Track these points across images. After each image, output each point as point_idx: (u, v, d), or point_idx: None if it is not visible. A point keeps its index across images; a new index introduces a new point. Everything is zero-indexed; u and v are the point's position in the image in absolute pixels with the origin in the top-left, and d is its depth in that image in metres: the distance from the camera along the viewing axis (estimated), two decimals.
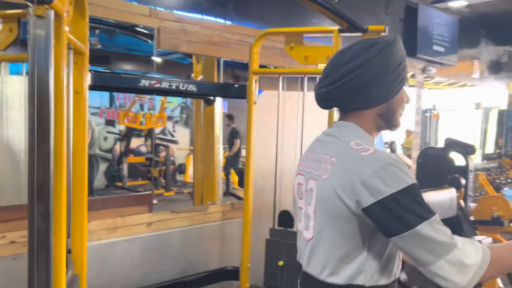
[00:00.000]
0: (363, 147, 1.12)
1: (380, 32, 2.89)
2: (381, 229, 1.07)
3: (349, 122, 1.23)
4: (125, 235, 3.16)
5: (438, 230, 1.04)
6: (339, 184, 1.10)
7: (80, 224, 2.22)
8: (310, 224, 1.20)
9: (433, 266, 1.03)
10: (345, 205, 1.09)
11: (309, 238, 1.21)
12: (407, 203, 1.03)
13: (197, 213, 3.59)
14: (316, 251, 1.18)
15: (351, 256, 1.11)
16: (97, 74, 2.58)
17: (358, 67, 1.15)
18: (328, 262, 1.14)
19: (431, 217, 1.03)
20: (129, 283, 3.15)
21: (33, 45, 1.61)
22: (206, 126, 4.01)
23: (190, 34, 3.39)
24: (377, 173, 1.05)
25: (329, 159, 1.17)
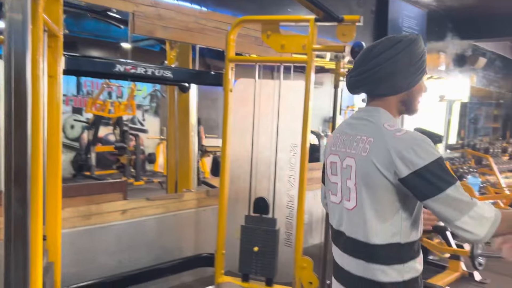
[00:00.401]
0: (396, 128, 1.35)
1: (355, 22, 2.93)
2: (416, 194, 1.29)
3: (377, 107, 1.44)
4: (100, 223, 3.13)
5: (461, 193, 1.27)
6: (378, 160, 1.31)
7: (54, 210, 2.19)
8: (351, 195, 1.40)
9: (458, 221, 1.25)
10: (385, 177, 1.31)
11: (352, 207, 1.40)
12: (437, 172, 1.26)
13: (172, 201, 3.58)
14: (359, 218, 1.38)
15: (389, 219, 1.34)
16: (72, 58, 2.52)
17: (385, 60, 1.38)
18: (371, 226, 1.35)
19: (455, 182, 1.27)
20: (104, 271, 3.12)
21: (9, 27, 1.56)
22: (181, 114, 3.97)
23: (165, 19, 3.35)
24: (412, 149, 1.27)
25: (366, 139, 1.38)
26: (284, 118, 3.24)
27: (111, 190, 3.22)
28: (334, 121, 3.09)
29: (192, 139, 3.97)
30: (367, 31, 5.61)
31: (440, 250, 4.03)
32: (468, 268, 3.97)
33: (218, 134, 6.82)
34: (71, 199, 2.94)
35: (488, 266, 4.06)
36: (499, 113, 10.91)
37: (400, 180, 1.29)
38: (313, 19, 2.99)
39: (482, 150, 7.67)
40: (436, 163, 1.26)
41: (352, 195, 1.39)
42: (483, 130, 10.38)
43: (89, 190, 3.13)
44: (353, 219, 1.40)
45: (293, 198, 3.28)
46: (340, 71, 3.00)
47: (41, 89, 1.78)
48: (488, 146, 7.82)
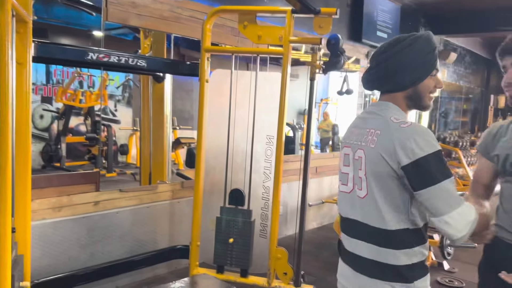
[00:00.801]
0: (402, 121, 1.40)
1: (332, 14, 2.94)
2: (412, 183, 1.34)
3: (387, 101, 1.50)
4: (71, 214, 3.05)
5: (454, 188, 1.33)
6: (384, 151, 1.38)
7: (23, 202, 2.14)
8: (363, 185, 1.46)
9: (446, 216, 1.31)
10: (390, 167, 1.36)
11: (363, 196, 1.46)
12: (435, 163, 1.31)
13: (146, 192, 3.53)
14: (370, 205, 1.44)
15: (398, 206, 1.39)
16: (42, 45, 2.44)
17: (388, 58, 1.45)
18: (381, 213, 1.41)
19: (451, 177, 1.33)
20: (76, 264, 3.06)
21: None
22: (155, 104, 3.91)
23: (140, 7, 3.27)
24: (413, 139, 1.33)
25: (374, 132, 1.44)
26: (260, 109, 3.23)
27: (83, 181, 3.14)
28: (310, 114, 3.09)
29: (166, 130, 3.92)
30: (342, 24, 5.65)
31: None
32: (437, 257, 4.08)
33: (193, 125, 6.76)
34: (41, 190, 2.86)
35: (456, 256, 4.19)
36: (468, 108, 11.21)
37: (402, 169, 1.34)
38: (290, 11, 2.99)
39: (452, 144, 7.88)
40: (435, 155, 1.31)
41: (363, 185, 1.45)
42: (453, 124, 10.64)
43: (60, 181, 3.04)
44: (365, 207, 1.46)
45: (268, 189, 3.28)
46: (316, 64, 3.00)
47: (9, 77, 1.72)
48: (457, 139, 8.03)
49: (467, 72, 9.90)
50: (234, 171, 3.31)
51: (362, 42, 5.84)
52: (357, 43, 5.83)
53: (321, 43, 3.00)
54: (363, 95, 6.32)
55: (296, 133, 6.31)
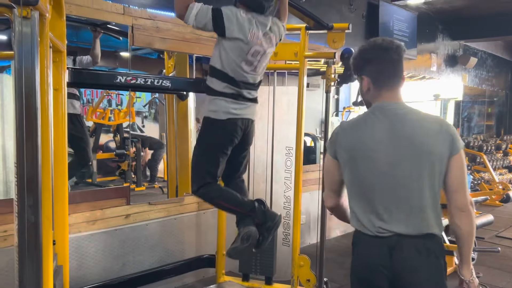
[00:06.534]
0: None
1: (344, 29, 3.07)
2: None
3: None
4: (104, 227, 3.24)
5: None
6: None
7: (62, 216, 2.29)
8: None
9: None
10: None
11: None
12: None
13: (173, 205, 3.70)
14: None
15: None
16: (75, 71, 2.65)
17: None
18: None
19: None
20: (109, 274, 3.24)
21: (19, 44, 1.68)
22: (180, 120, 4.10)
23: (163, 31, 3.49)
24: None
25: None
26: (279, 122, 3.37)
27: (114, 196, 3.33)
28: (326, 124, 3.22)
29: (191, 145, 4.10)
30: (359, 35, 5.75)
31: None
32: None
33: None
34: (76, 206, 3.05)
35: (481, 261, 4.19)
36: (493, 111, 11.05)
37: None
38: (304, 27, 3.13)
39: (476, 148, 7.81)
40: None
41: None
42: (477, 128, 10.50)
43: (94, 196, 3.24)
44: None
45: (289, 199, 3.40)
46: (331, 77, 3.13)
47: (48, 102, 1.91)
48: (482, 144, 7.95)
49: (490, 76, 9.79)
50: (256, 182, 3.45)
51: None
52: None
53: (335, 57, 3.14)
54: None
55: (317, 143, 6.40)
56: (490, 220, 4.56)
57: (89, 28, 3.76)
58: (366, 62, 1.72)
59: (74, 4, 2.97)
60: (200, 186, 2.46)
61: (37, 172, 1.74)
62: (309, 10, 3.07)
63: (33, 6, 1.65)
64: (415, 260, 1.62)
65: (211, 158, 2.45)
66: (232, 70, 2.38)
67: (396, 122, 1.66)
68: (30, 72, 1.69)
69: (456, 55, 8.06)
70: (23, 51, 1.69)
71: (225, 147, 2.47)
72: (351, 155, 1.70)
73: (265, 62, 2.51)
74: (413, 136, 1.63)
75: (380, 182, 1.65)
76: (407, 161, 1.62)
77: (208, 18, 2.31)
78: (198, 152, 2.52)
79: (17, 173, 1.74)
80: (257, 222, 2.45)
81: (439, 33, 7.49)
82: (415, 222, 1.62)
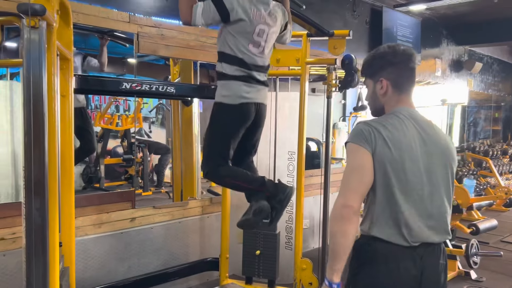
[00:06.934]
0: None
1: (345, 36, 3.13)
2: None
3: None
4: (110, 230, 3.31)
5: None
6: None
7: (68, 219, 2.35)
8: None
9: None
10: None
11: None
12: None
13: (177, 208, 3.76)
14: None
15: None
16: (81, 78, 2.73)
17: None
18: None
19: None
20: (115, 276, 3.30)
21: (28, 53, 1.75)
22: (185, 125, 4.17)
23: (168, 38, 3.57)
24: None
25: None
26: (281, 127, 3.42)
27: (120, 200, 3.40)
28: (328, 130, 3.26)
29: (195, 150, 4.16)
30: (362, 41, 5.80)
31: None
32: (464, 267, 4.10)
33: None
34: (83, 209, 3.12)
35: (484, 265, 4.19)
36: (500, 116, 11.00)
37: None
38: (306, 34, 3.19)
39: (482, 153, 7.80)
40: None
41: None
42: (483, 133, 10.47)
43: (100, 200, 3.31)
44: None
45: (292, 203, 3.44)
46: (332, 83, 3.18)
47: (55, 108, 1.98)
48: (487, 148, 7.94)
49: (496, 81, 9.77)
50: None
51: None
52: None
53: (335, 63, 3.19)
54: None
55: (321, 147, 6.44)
56: (494, 225, 4.56)
57: (96, 35, 3.85)
58: (388, 64, 1.70)
59: (81, 13, 3.06)
60: (211, 168, 2.48)
61: (44, 176, 1.80)
62: (313, 16, 3.13)
63: (40, 16, 1.71)
64: (438, 267, 1.65)
65: (223, 142, 2.46)
66: (241, 52, 2.38)
67: (425, 129, 1.67)
68: (37, 79, 1.76)
69: (461, 60, 8.07)
70: (31, 59, 1.75)
71: (237, 131, 2.48)
72: (400, 155, 1.59)
73: (271, 43, 2.50)
74: (440, 144, 1.68)
75: (421, 188, 1.60)
76: (438, 168, 1.65)
77: (212, 10, 2.31)
78: (210, 136, 2.53)
79: (25, 177, 1.80)
80: (267, 195, 2.46)
81: (443, 38, 7.51)
82: (441, 230, 1.65)
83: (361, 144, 1.58)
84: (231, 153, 2.51)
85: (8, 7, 2.74)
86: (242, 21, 2.34)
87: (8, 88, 2.95)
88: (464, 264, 4.09)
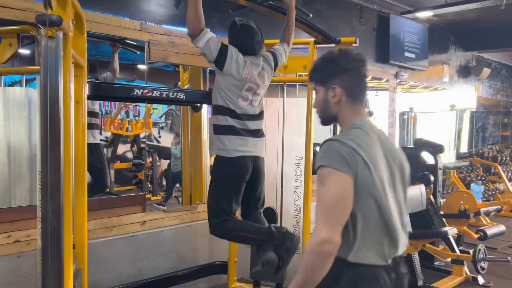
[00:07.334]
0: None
1: (352, 43, 3.18)
2: None
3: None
4: (121, 233, 3.37)
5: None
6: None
7: (81, 221, 2.41)
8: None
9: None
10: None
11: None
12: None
13: (186, 212, 3.82)
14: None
15: None
16: (95, 85, 2.80)
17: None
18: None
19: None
20: (125, 278, 3.36)
21: (45, 61, 1.81)
22: (194, 131, 4.24)
23: (178, 46, 3.65)
24: None
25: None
26: (288, 132, 3.47)
27: (131, 203, 3.47)
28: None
29: (204, 154, 4.22)
30: (370, 47, 5.84)
31: (444, 256, 4.19)
32: (471, 272, 4.11)
33: None
34: (95, 212, 3.18)
35: (491, 270, 4.20)
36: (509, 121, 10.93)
37: None
38: (313, 42, 3.25)
39: (491, 159, 7.78)
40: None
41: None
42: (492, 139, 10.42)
43: (111, 203, 3.38)
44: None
45: (299, 207, 3.49)
46: None
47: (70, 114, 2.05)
48: (496, 154, 7.91)
49: (505, 86, 9.73)
50: (267, 190, 3.54)
51: (390, 63, 5.99)
52: (385, 65, 6.00)
53: None
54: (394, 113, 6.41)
55: None
56: (502, 231, 4.57)
57: (108, 43, 3.94)
58: (342, 70, 1.57)
59: (94, 21, 3.14)
60: (217, 225, 2.61)
61: (60, 180, 1.86)
62: (320, 23, 3.19)
63: (57, 27, 1.78)
64: (404, 278, 1.61)
65: (225, 197, 2.61)
66: (232, 104, 2.60)
67: (384, 141, 1.57)
68: (54, 86, 1.82)
69: (469, 66, 8.06)
70: (48, 67, 1.82)
71: (237, 185, 2.63)
72: (379, 177, 1.49)
73: (260, 97, 2.73)
74: (398, 157, 1.60)
75: (394, 207, 1.53)
76: (398, 184, 1.58)
77: (216, 49, 2.55)
78: (212, 192, 2.69)
79: (41, 180, 1.86)
80: (275, 244, 2.55)
81: (451, 44, 7.52)
82: (404, 244, 1.59)
83: (342, 169, 1.43)
84: (235, 208, 2.64)
85: (23, 16, 2.83)
86: (231, 76, 2.58)
87: (24, 94, 3.04)
88: (471, 270, 4.09)
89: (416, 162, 4.77)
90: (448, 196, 4.84)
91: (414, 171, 4.62)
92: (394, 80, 6.22)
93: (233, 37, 2.75)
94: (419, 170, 4.55)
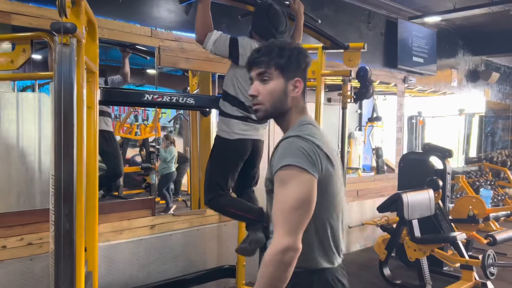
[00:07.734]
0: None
1: (360, 49, 3.21)
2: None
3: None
4: (131, 237, 3.41)
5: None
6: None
7: (92, 225, 2.45)
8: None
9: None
10: None
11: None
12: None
13: (195, 216, 3.85)
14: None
15: None
16: (106, 90, 2.84)
17: None
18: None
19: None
20: (135, 281, 3.39)
21: (59, 67, 1.85)
22: (203, 135, 4.28)
23: (187, 52, 3.69)
24: None
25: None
26: None
27: (141, 207, 3.51)
28: (343, 140, 3.33)
29: None
30: (378, 52, 5.85)
31: (453, 261, 4.17)
32: (481, 278, 4.09)
33: None
34: (105, 216, 3.22)
35: (501, 276, 4.18)
36: None
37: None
38: (321, 47, 3.28)
39: (500, 163, 7.73)
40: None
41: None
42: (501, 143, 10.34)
43: (121, 207, 3.42)
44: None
45: None
46: (347, 94, 3.26)
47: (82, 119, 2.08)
48: (505, 159, 7.87)
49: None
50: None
51: (398, 68, 5.99)
52: (394, 69, 6.00)
53: (351, 75, 3.26)
54: (402, 118, 6.40)
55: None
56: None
57: (119, 49, 3.99)
58: (306, 65, 1.49)
59: (106, 28, 3.19)
60: (212, 197, 2.69)
61: (73, 184, 1.89)
62: (329, 28, 3.22)
63: (71, 34, 1.82)
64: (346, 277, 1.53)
65: (222, 173, 2.69)
66: (242, 95, 2.63)
67: (327, 139, 1.47)
68: (68, 92, 1.85)
69: (478, 70, 8.03)
70: (62, 73, 1.85)
71: (235, 163, 2.71)
72: (337, 174, 1.43)
73: None
74: (337, 156, 1.50)
75: (342, 206, 1.48)
76: (341, 182, 1.50)
77: (225, 46, 2.59)
78: (210, 167, 2.76)
79: (54, 184, 1.89)
80: (265, 225, 2.62)
81: (459, 48, 7.50)
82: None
83: (307, 168, 1.30)
84: (230, 184, 2.73)
85: (37, 23, 2.89)
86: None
87: (37, 99, 3.09)
88: (480, 275, 4.08)
89: (424, 166, 4.77)
90: (457, 201, 4.83)
91: (422, 176, 4.65)
92: (402, 84, 6.21)
93: (256, 19, 2.71)
94: (428, 175, 4.54)
